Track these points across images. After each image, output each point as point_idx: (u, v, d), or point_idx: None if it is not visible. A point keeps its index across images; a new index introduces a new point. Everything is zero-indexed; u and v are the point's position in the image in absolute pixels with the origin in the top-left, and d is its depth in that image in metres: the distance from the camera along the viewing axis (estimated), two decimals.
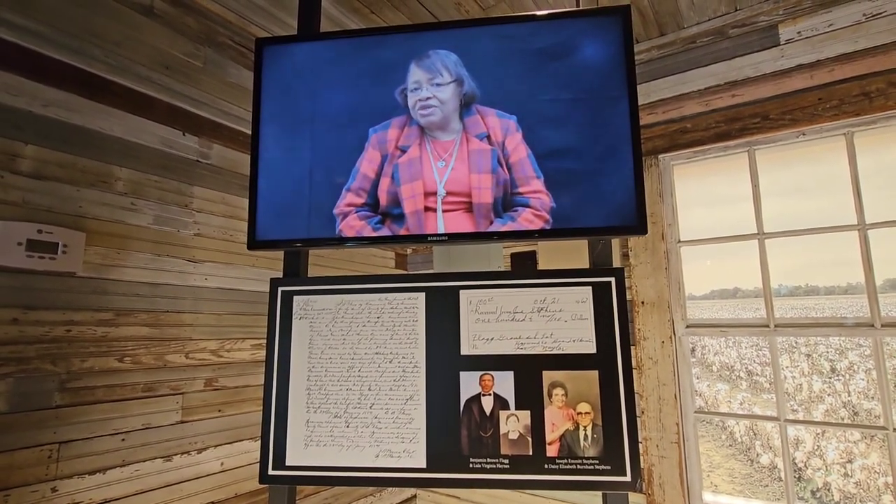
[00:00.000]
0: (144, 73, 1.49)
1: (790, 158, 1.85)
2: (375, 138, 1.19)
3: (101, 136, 1.38)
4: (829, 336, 1.70)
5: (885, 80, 1.61)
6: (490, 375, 1.17)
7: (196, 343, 1.56)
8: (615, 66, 1.17)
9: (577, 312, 1.18)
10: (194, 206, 1.60)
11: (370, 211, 1.18)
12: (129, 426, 1.37)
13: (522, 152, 1.16)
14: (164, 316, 1.48)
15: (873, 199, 1.65)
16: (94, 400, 1.31)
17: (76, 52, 1.34)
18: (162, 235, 1.50)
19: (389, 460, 1.14)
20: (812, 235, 1.75)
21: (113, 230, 1.38)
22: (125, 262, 1.40)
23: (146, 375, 1.42)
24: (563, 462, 1.12)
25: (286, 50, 1.27)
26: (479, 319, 1.20)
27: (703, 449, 8.18)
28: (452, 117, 1.18)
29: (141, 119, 1.47)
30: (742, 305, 53.36)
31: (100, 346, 1.33)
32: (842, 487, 6.05)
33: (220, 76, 1.71)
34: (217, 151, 1.68)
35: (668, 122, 1.98)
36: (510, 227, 1.14)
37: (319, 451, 1.16)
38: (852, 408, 8.99)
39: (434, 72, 1.18)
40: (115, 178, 1.40)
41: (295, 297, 1.26)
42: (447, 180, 1.16)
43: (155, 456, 1.42)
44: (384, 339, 1.21)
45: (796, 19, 1.79)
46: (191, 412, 1.52)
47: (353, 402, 1.18)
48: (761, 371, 12.56)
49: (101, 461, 1.31)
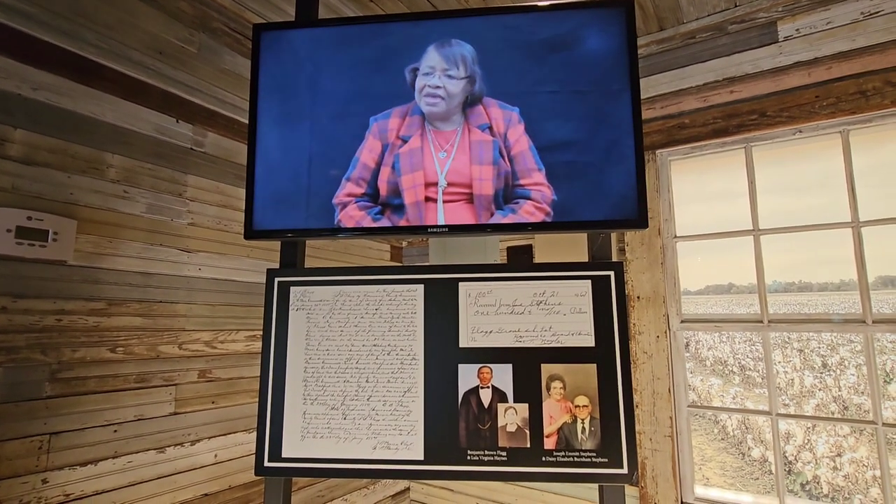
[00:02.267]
0: (137, 58, 1.46)
1: (786, 155, 1.86)
2: (376, 127, 1.17)
3: (93, 122, 1.34)
4: (821, 332, 1.72)
5: (882, 79, 1.62)
6: (488, 368, 1.16)
7: (189, 334, 1.54)
8: (618, 58, 1.16)
9: (576, 306, 1.18)
10: (188, 195, 1.57)
11: (370, 201, 1.16)
12: (122, 417, 1.35)
13: (524, 144, 1.15)
14: (157, 306, 1.46)
15: (867, 196, 1.67)
16: (85, 390, 1.29)
17: (67, 34, 1.30)
18: (155, 224, 1.47)
19: (387, 452, 1.14)
20: (806, 232, 1.77)
21: (105, 218, 1.35)
22: (117, 251, 1.37)
23: (139, 366, 1.40)
24: (561, 455, 1.12)
25: (284, 36, 1.25)
26: (477, 312, 1.20)
27: (695, 442, 8.27)
28: (455, 110, 1.17)
29: (134, 105, 1.44)
30: (736, 301, 53.84)
31: (91, 336, 1.31)
32: (831, 480, 6.16)
33: (215, 63, 1.68)
34: (212, 140, 1.66)
35: (667, 118, 1.98)
36: (511, 219, 1.14)
37: (316, 443, 1.16)
38: (842, 402, 9.11)
39: (450, 63, 1.16)
40: (108, 164, 1.37)
41: (292, 287, 1.24)
42: (448, 171, 1.15)
43: (148, 447, 1.41)
44: (382, 330, 1.20)
45: (795, 16, 1.79)
46: (184, 403, 1.51)
47: (351, 394, 1.17)
48: (754, 366, 12.69)
49: (93, 452, 1.29)
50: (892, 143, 1.69)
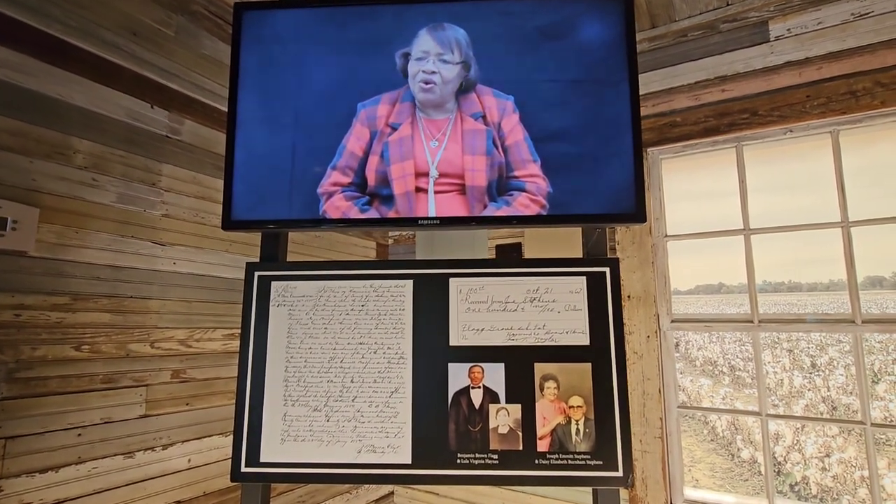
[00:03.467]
0: (110, 39, 1.37)
1: (777, 155, 1.85)
2: (364, 114, 1.11)
3: (60, 104, 1.26)
4: (810, 332, 1.71)
5: (872, 80, 1.62)
6: (480, 367, 1.11)
7: (162, 331, 1.45)
8: (616, 48, 1.13)
9: (570, 303, 1.14)
10: (163, 185, 1.49)
11: (357, 191, 1.10)
12: (87, 420, 1.27)
13: (519, 134, 1.11)
14: (127, 301, 1.37)
15: (857, 196, 1.67)
16: (46, 392, 1.20)
17: (33, 10, 1.22)
18: (126, 215, 1.39)
19: (372, 456, 1.08)
20: (796, 232, 1.76)
21: (71, 207, 1.27)
22: (84, 242, 1.29)
23: (106, 365, 1.31)
24: (554, 457, 1.07)
25: (268, 16, 1.18)
26: (469, 309, 1.14)
27: (685, 444, 8.24)
28: (449, 98, 1.12)
29: (105, 88, 1.35)
30: (726, 301, 54.49)
31: (54, 333, 1.22)
32: (819, 481, 6.21)
33: (193, 47, 1.60)
34: (189, 127, 1.57)
35: (658, 116, 1.96)
36: (505, 211, 1.09)
37: (297, 446, 1.09)
38: (831, 403, 9.15)
39: (445, 47, 1.11)
40: (75, 150, 1.28)
41: (273, 282, 1.17)
42: (440, 161, 1.10)
43: (115, 452, 1.32)
44: (369, 328, 1.14)
45: (786, 16, 1.79)
46: (156, 405, 1.42)
47: (335, 394, 1.11)
48: (744, 366, 12.69)
49: (55, 458, 1.20)
50: (882, 144, 1.69)
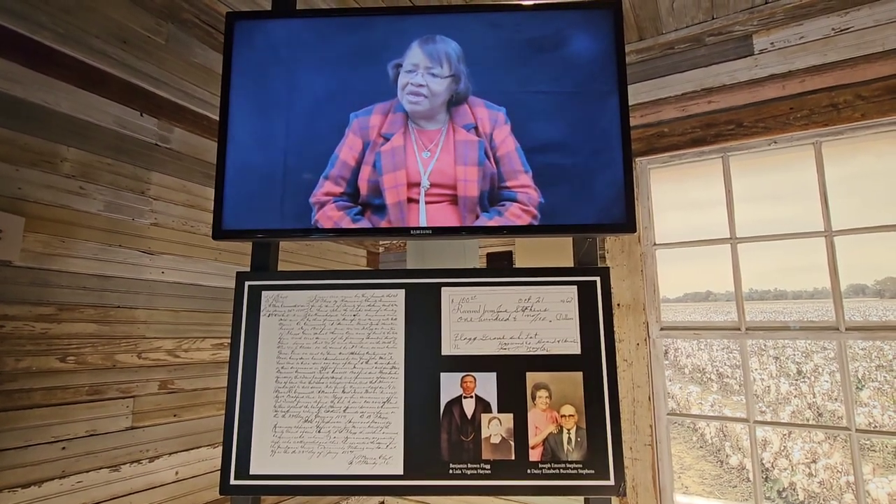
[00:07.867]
0: (98, 46, 1.36)
1: (762, 165, 1.89)
2: (357, 123, 1.11)
3: (46, 112, 1.24)
4: (796, 339, 1.74)
5: (853, 93, 1.67)
6: (472, 377, 1.11)
7: (150, 342, 1.43)
8: (605, 60, 1.14)
9: (562, 312, 1.14)
10: (151, 194, 1.47)
11: (349, 201, 1.10)
12: (72, 433, 1.24)
13: (511, 145, 1.12)
14: (114, 311, 1.35)
15: (840, 206, 1.70)
16: (30, 404, 1.17)
17: (19, 16, 1.20)
18: (114, 224, 1.37)
19: (364, 467, 1.07)
20: (781, 241, 1.80)
21: (57, 216, 1.25)
22: (70, 252, 1.27)
23: (92, 377, 1.29)
24: (547, 467, 1.07)
25: (260, 26, 1.18)
26: (461, 318, 1.15)
27: (674, 451, 8.26)
28: (439, 109, 1.13)
29: (93, 95, 1.34)
30: (714, 309, 55.13)
31: (38, 344, 1.19)
32: (806, 487, 6.27)
33: (184, 55, 1.59)
34: (178, 136, 1.56)
35: (646, 126, 1.99)
36: (497, 221, 1.10)
37: (287, 458, 1.08)
38: (817, 409, 9.27)
39: (434, 60, 1.12)
40: (62, 158, 1.26)
41: (263, 292, 1.17)
42: (432, 171, 1.11)
43: (101, 466, 1.29)
44: (360, 338, 1.13)
45: (770, 30, 1.83)
46: (143, 417, 1.40)
47: (326, 405, 1.10)
48: (731, 373, 12.85)
49: (38, 472, 1.17)
50: (863, 155, 1.74)
